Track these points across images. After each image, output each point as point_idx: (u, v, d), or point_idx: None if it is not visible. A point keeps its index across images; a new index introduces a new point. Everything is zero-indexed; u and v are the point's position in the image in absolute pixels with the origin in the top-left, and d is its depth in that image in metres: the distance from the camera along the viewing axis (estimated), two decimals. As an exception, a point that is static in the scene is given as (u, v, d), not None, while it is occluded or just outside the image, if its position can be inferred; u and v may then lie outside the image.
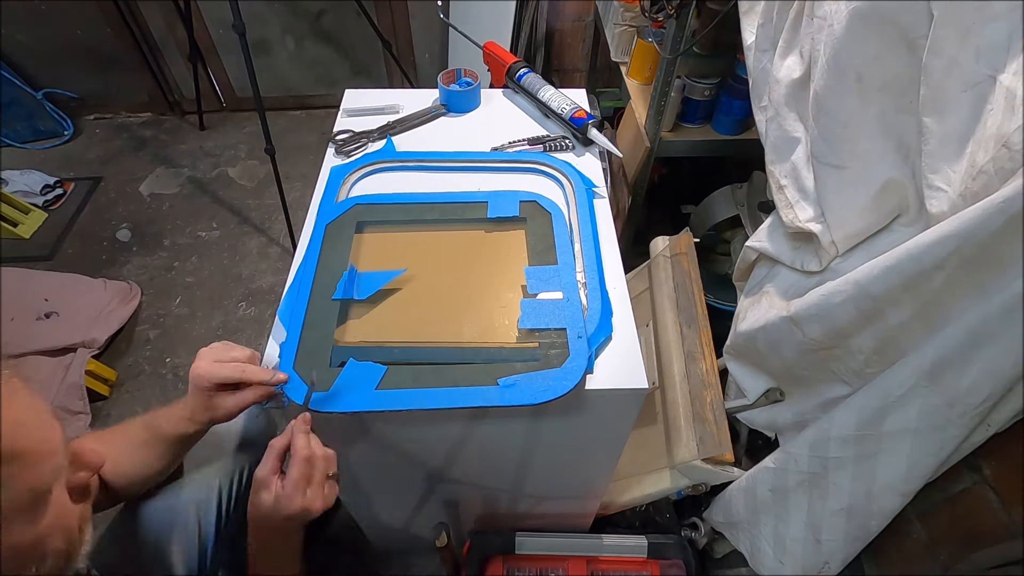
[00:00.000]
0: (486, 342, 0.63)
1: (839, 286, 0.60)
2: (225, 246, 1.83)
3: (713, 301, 1.22)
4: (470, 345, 0.63)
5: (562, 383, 0.58)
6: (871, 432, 0.60)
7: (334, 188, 0.81)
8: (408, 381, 0.59)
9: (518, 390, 0.57)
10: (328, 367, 0.60)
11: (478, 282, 0.70)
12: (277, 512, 0.52)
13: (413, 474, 0.79)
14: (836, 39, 0.57)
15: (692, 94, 1.16)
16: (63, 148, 2.18)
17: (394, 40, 2.09)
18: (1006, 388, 0.50)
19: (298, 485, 0.52)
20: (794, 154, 0.71)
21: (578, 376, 0.58)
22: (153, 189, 2.02)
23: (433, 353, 0.62)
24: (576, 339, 0.61)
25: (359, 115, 0.96)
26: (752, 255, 0.85)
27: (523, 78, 0.97)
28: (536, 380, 0.58)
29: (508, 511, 0.93)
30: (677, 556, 0.87)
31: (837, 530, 0.68)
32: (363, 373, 0.59)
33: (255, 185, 2.04)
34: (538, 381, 0.58)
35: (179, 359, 1.52)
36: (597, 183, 0.83)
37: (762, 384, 0.83)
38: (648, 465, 0.91)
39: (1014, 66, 0.45)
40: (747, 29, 0.78)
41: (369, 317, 0.66)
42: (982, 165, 0.46)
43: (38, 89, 2.11)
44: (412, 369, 0.60)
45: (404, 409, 0.57)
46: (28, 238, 1.80)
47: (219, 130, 2.28)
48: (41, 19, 1.97)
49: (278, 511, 0.52)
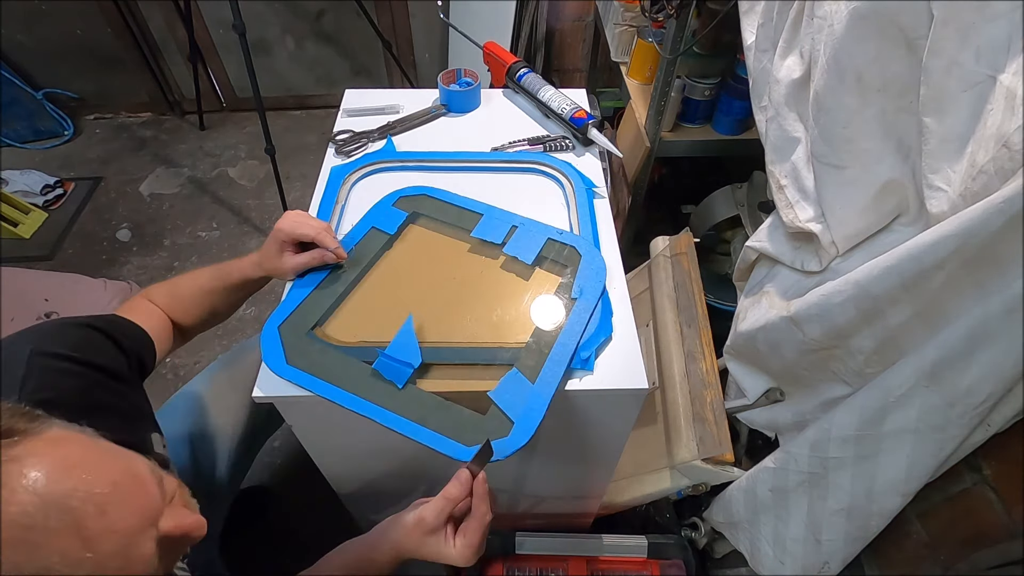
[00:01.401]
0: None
1: (839, 286, 0.60)
2: (225, 246, 1.83)
3: (713, 301, 1.22)
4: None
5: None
6: (871, 432, 0.60)
7: (334, 188, 0.81)
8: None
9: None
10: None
11: (486, 315, 0.66)
12: (446, 560, 0.56)
13: (413, 474, 0.79)
14: (836, 39, 0.57)
15: (692, 94, 1.16)
16: (63, 148, 2.18)
17: (394, 40, 2.09)
18: (1006, 388, 0.50)
19: (477, 551, 0.56)
20: (794, 154, 0.71)
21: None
22: (153, 189, 2.02)
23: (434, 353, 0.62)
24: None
25: (359, 115, 0.96)
26: (752, 255, 0.85)
27: (523, 78, 0.97)
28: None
29: (508, 511, 0.93)
30: (677, 556, 0.87)
31: (837, 530, 0.68)
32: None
33: (255, 185, 2.04)
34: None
35: (179, 359, 1.52)
36: (597, 183, 0.83)
37: (762, 384, 0.83)
38: (648, 465, 0.91)
39: (1014, 66, 0.45)
40: (747, 29, 0.78)
41: (369, 318, 0.66)
42: (982, 165, 0.46)
43: (38, 89, 2.11)
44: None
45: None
46: (28, 238, 1.80)
47: (219, 130, 2.28)
48: (41, 19, 1.97)
49: (448, 560, 0.56)
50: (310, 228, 0.66)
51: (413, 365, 0.59)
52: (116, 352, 0.59)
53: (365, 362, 0.60)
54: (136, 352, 0.62)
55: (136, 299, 0.71)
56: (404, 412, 0.57)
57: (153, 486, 0.40)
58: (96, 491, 0.35)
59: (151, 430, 0.61)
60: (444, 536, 0.56)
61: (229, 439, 0.84)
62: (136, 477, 0.39)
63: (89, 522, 0.34)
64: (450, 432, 0.56)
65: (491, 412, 0.58)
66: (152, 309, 0.70)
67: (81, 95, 2.21)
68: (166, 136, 2.25)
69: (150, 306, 0.70)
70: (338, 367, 0.60)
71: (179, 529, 0.40)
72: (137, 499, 0.38)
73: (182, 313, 0.71)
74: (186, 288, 0.72)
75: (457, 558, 0.56)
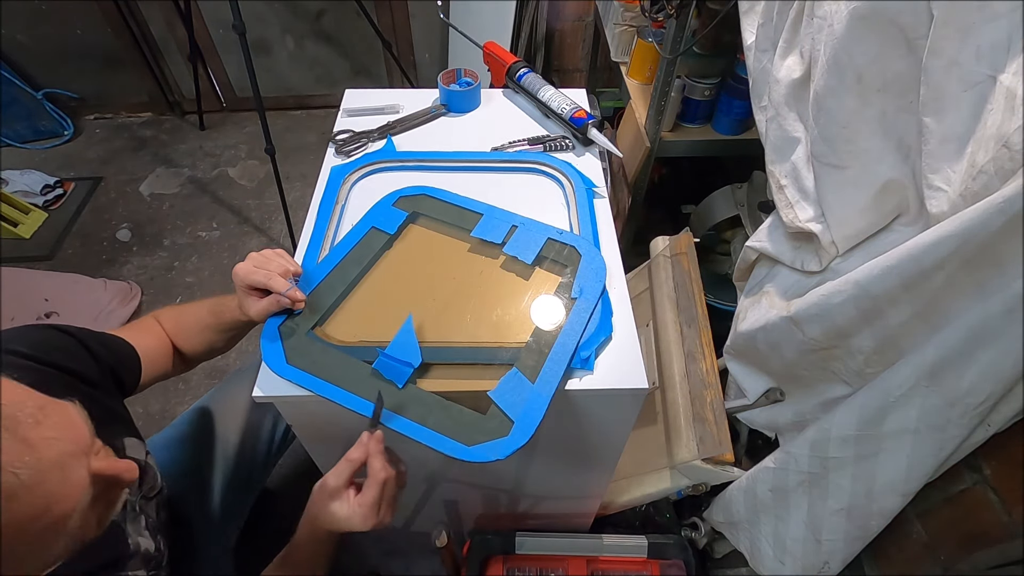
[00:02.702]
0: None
1: (839, 286, 0.60)
2: (225, 246, 1.83)
3: (713, 301, 1.22)
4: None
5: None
6: (871, 432, 0.60)
7: (334, 188, 0.81)
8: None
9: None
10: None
11: (486, 314, 0.67)
12: (346, 525, 0.55)
13: (413, 474, 0.79)
14: (836, 39, 0.57)
15: (692, 94, 1.16)
16: (63, 148, 2.19)
17: (394, 40, 2.09)
18: (1006, 388, 0.50)
19: (374, 507, 0.55)
20: (794, 154, 0.71)
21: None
22: (153, 189, 2.03)
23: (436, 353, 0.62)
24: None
25: (359, 115, 0.96)
26: (752, 255, 0.85)
27: (523, 78, 0.97)
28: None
29: (508, 511, 0.93)
30: (677, 556, 0.87)
31: (837, 530, 0.68)
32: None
33: (255, 185, 2.04)
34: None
35: (179, 359, 1.52)
36: (597, 183, 0.83)
37: (762, 384, 0.83)
38: (648, 465, 0.91)
39: (1014, 66, 0.45)
40: (747, 29, 0.78)
41: (369, 318, 0.66)
42: (982, 165, 0.46)
43: (38, 89, 2.11)
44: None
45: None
46: (28, 238, 1.80)
47: (219, 130, 2.28)
48: (41, 19, 1.97)
49: (348, 525, 0.55)
50: (261, 275, 0.61)
51: (413, 365, 0.59)
52: (88, 359, 0.59)
53: (365, 362, 0.60)
54: (111, 365, 0.62)
55: (145, 318, 0.73)
56: (404, 412, 0.57)
57: (82, 423, 0.44)
58: (29, 404, 0.41)
59: (125, 434, 0.61)
60: (345, 499, 0.55)
61: (233, 458, 0.87)
62: (64, 408, 0.43)
63: (26, 430, 0.39)
64: (450, 432, 0.56)
65: (491, 412, 0.58)
66: (156, 331, 0.71)
67: (81, 95, 2.21)
68: (166, 136, 2.25)
69: (155, 328, 0.71)
70: (338, 367, 0.60)
71: (111, 468, 0.44)
72: (66, 424, 0.42)
73: (184, 341, 0.72)
74: (190, 319, 0.72)
75: (353, 518, 0.55)
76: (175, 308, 0.74)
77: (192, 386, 1.47)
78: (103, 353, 0.61)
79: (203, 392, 1.44)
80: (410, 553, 1.12)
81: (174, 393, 1.45)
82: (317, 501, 0.57)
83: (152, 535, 0.61)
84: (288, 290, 0.61)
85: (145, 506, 0.63)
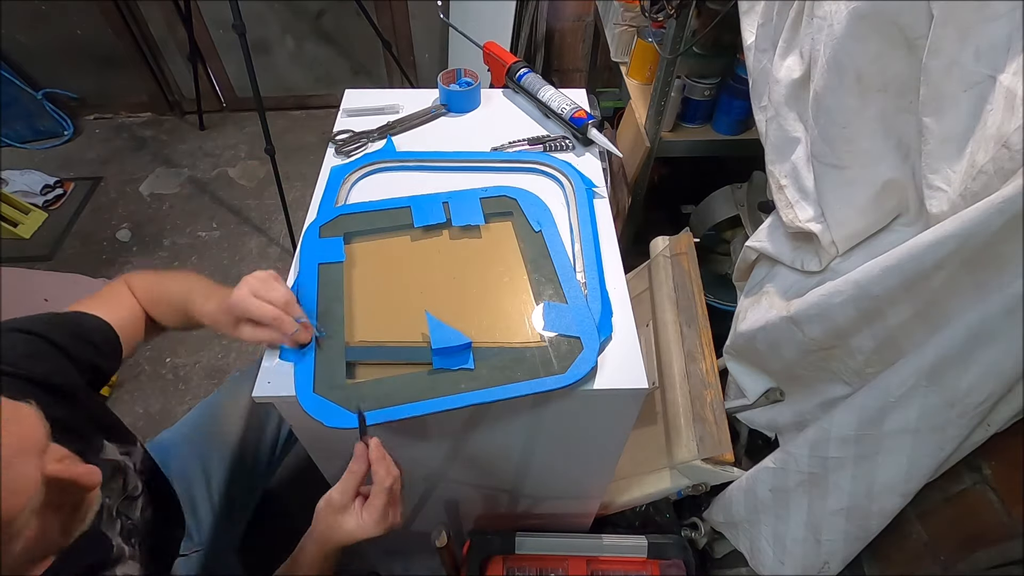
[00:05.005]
0: (497, 342, 0.62)
1: (839, 286, 0.60)
2: (225, 246, 1.83)
3: (713, 301, 1.22)
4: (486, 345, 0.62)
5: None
6: (871, 432, 0.60)
7: (334, 188, 0.81)
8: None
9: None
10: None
11: (477, 282, 0.69)
12: (360, 535, 0.56)
13: (413, 474, 0.79)
14: (836, 39, 0.57)
15: (692, 94, 1.16)
16: (63, 148, 2.19)
17: (394, 40, 2.09)
18: (1006, 388, 0.50)
19: (384, 514, 0.55)
20: (794, 154, 0.71)
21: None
22: (153, 189, 2.03)
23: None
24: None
25: (359, 115, 0.96)
26: (752, 255, 0.85)
27: (523, 78, 0.97)
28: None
29: (508, 511, 0.93)
30: (677, 556, 0.87)
31: (837, 530, 0.68)
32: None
33: (255, 185, 2.04)
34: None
35: (179, 359, 1.52)
36: (597, 183, 0.83)
37: (762, 384, 0.83)
38: (648, 465, 0.91)
39: (1014, 66, 0.45)
40: (747, 29, 0.78)
41: (370, 319, 0.66)
42: (982, 165, 0.46)
43: (38, 89, 2.11)
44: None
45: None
46: (28, 238, 1.80)
47: (219, 130, 2.28)
48: (41, 19, 1.97)
49: (361, 535, 0.56)
50: (263, 311, 0.56)
51: (468, 343, 0.59)
52: (62, 361, 0.57)
53: (422, 365, 0.60)
54: (88, 360, 0.60)
55: (117, 284, 0.70)
56: (488, 383, 0.58)
57: (35, 424, 0.42)
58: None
59: (103, 438, 0.60)
60: (354, 511, 0.55)
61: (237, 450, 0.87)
62: (17, 406, 0.42)
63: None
64: (539, 373, 0.58)
65: (552, 341, 0.61)
66: (128, 301, 0.69)
67: (81, 95, 2.21)
68: (166, 136, 2.25)
69: (127, 298, 0.69)
70: (394, 389, 0.58)
71: (67, 472, 0.42)
72: (18, 420, 0.41)
73: (156, 314, 0.70)
74: (162, 294, 0.70)
75: (366, 527, 0.55)
76: (148, 277, 0.71)
77: (192, 386, 1.47)
78: (77, 349, 0.59)
79: (203, 392, 1.45)
80: (410, 553, 1.12)
81: (174, 393, 1.46)
82: (325, 518, 0.56)
83: (126, 539, 0.59)
84: (295, 332, 0.57)
85: (127, 507, 0.61)
